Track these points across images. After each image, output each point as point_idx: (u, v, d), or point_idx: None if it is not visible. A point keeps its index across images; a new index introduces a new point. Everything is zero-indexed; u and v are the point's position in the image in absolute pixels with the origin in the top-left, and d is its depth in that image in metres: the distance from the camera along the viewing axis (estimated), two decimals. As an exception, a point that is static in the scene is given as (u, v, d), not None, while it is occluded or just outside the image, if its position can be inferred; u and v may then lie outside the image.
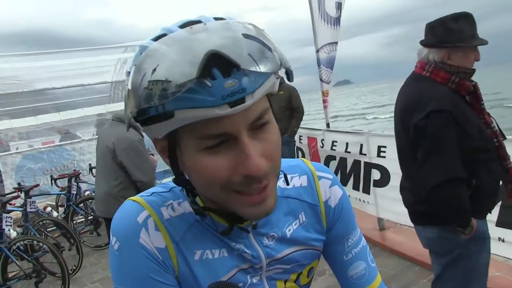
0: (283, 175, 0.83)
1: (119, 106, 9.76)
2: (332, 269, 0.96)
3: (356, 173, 4.95)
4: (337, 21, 5.63)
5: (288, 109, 5.83)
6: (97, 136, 4.52)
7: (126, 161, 3.51)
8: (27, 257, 4.28)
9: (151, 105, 0.59)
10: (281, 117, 5.63)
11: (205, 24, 0.61)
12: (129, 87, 0.62)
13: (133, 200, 0.78)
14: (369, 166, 4.68)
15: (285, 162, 0.90)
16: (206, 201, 0.76)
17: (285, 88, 5.75)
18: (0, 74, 9.61)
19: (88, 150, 7.50)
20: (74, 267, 4.88)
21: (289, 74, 0.69)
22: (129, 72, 0.63)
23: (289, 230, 0.85)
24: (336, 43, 5.70)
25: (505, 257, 3.37)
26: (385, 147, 4.41)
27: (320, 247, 0.91)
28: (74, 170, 6.65)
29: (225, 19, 0.64)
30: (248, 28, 0.62)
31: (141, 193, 0.81)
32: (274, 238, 0.83)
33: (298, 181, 0.89)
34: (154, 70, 0.58)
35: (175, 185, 0.80)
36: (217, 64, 0.56)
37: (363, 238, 0.96)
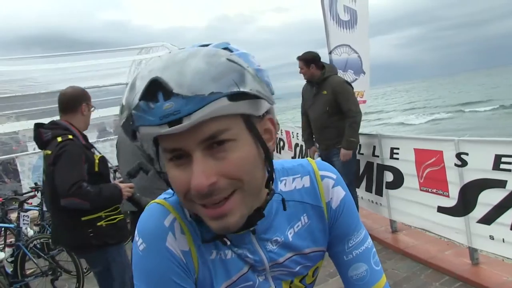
0: (281, 198, 0.84)
1: (134, 108, 9.83)
2: (336, 268, 0.97)
3: (369, 175, 4.94)
4: (348, 24, 5.63)
5: (336, 113, 4.51)
6: (115, 137, 4.59)
7: None
8: (43, 255, 4.36)
9: (128, 119, 0.68)
10: (328, 124, 4.58)
11: (170, 51, 0.70)
12: (125, 93, 0.71)
13: (158, 203, 0.82)
14: (382, 168, 4.66)
15: (289, 163, 0.93)
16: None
17: (329, 85, 4.51)
18: (17, 76, 9.77)
19: (103, 151, 7.52)
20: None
21: (256, 97, 0.70)
22: None
23: (291, 233, 0.87)
24: (353, 48, 5.71)
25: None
26: (398, 148, 4.39)
27: (323, 248, 0.93)
28: (89, 170, 6.72)
29: (207, 46, 0.72)
30: (212, 55, 0.67)
31: (163, 195, 0.85)
32: (278, 242, 0.85)
33: (300, 182, 0.90)
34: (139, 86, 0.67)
35: None
36: (161, 88, 0.64)
37: (369, 240, 0.95)
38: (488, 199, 3.31)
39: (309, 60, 4.58)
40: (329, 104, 4.50)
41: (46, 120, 2.92)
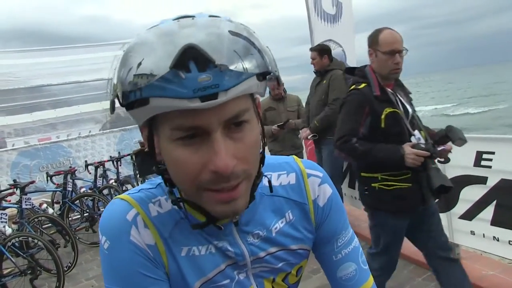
0: (267, 180, 0.83)
1: (116, 103, 9.74)
2: (322, 268, 0.95)
3: (352, 171, 4.95)
4: (334, 18, 5.61)
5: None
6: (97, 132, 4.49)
7: None
8: (22, 253, 4.25)
9: (132, 90, 0.60)
10: (320, 112, 4.61)
11: (193, 19, 0.63)
12: (117, 69, 0.64)
13: (121, 199, 0.78)
14: (365, 164, 4.67)
15: (275, 159, 0.90)
16: (183, 193, 0.75)
17: (329, 76, 4.57)
18: (-5, 70, 9.56)
19: (84, 147, 7.49)
20: (69, 264, 4.86)
21: (277, 79, 0.69)
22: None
23: (276, 228, 0.85)
24: (337, 42, 5.70)
25: (499, 256, 3.39)
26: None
27: (308, 246, 0.91)
28: (70, 167, 6.63)
29: (220, 17, 0.65)
30: (238, 27, 0.63)
31: (129, 191, 0.81)
32: (260, 236, 0.83)
33: (286, 179, 0.88)
34: (141, 57, 0.60)
35: (162, 181, 0.81)
36: (193, 57, 0.57)
37: (356, 239, 0.94)
38: (470, 195, 3.35)
39: (323, 51, 4.69)
40: (325, 93, 4.58)
41: (25, 117, 2.77)
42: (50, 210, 5.47)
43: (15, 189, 4.90)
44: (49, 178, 6.16)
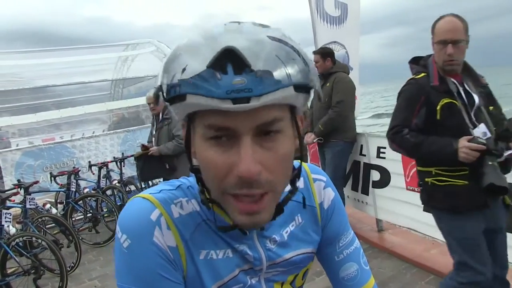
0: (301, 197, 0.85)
1: (119, 104, 9.78)
2: (325, 270, 0.97)
3: (355, 174, 4.96)
4: (338, 20, 5.60)
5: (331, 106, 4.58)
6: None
7: None
8: (25, 253, 4.26)
9: (173, 85, 0.62)
10: (323, 115, 4.60)
11: (239, 24, 0.64)
12: (164, 62, 0.66)
13: (143, 198, 0.77)
14: (369, 167, 4.69)
15: None
16: (212, 194, 0.75)
17: (332, 79, 4.57)
18: (0, 71, 9.60)
19: (88, 147, 7.50)
20: (73, 264, 4.86)
21: (318, 95, 0.70)
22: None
23: (286, 232, 0.86)
24: (342, 44, 5.68)
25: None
26: (384, 148, 4.40)
27: (315, 249, 0.93)
28: (74, 167, 6.65)
29: (267, 26, 0.66)
30: (282, 37, 0.64)
31: (150, 190, 0.80)
32: (276, 241, 0.84)
33: None
34: (186, 60, 0.62)
35: (181, 183, 0.82)
36: (231, 60, 0.58)
37: (357, 240, 0.97)
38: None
39: (326, 54, 4.68)
40: (328, 96, 4.54)
41: (29, 117, 2.74)
42: (54, 210, 5.49)
43: (19, 189, 4.93)
44: (52, 178, 6.18)
